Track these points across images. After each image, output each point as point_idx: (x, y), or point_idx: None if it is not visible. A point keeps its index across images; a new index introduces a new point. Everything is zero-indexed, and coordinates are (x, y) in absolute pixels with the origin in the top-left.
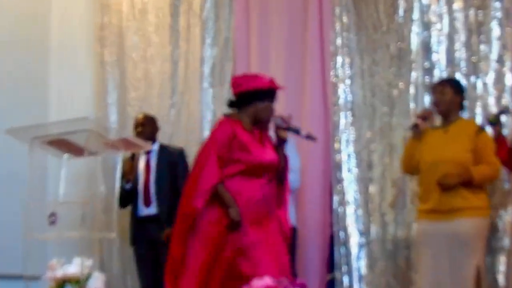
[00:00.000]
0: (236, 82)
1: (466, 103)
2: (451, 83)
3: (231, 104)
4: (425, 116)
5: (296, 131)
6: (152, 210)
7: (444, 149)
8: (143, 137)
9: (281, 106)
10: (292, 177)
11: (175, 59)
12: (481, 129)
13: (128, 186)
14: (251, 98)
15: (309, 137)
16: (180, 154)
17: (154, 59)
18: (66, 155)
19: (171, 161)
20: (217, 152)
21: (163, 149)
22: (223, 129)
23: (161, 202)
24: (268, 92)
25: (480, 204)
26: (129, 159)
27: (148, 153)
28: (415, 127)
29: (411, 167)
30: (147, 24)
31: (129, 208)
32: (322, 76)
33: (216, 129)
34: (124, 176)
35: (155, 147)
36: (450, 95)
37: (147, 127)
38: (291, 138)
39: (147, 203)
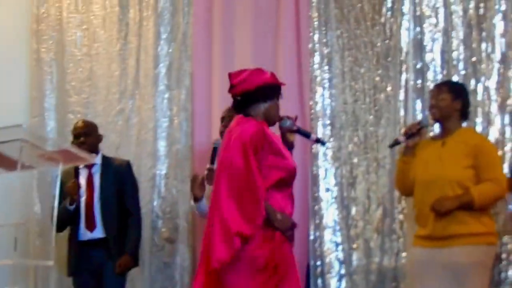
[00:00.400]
0: (239, 78)
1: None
2: (450, 86)
3: (238, 105)
4: (409, 133)
5: (306, 135)
6: (97, 234)
7: (441, 166)
8: (86, 149)
9: None
10: None
11: (124, 58)
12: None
13: (72, 207)
14: (261, 96)
15: (319, 141)
16: (126, 168)
17: (100, 58)
18: None
19: (118, 176)
20: (254, 157)
21: (107, 162)
22: (255, 128)
23: (108, 224)
24: (277, 88)
25: (482, 229)
26: (72, 175)
27: (89, 167)
28: (395, 143)
29: (406, 188)
30: (92, 16)
31: (66, 231)
32: (299, 79)
33: (245, 130)
34: (68, 195)
35: (98, 159)
36: (448, 101)
37: (89, 137)
38: None
39: (91, 226)
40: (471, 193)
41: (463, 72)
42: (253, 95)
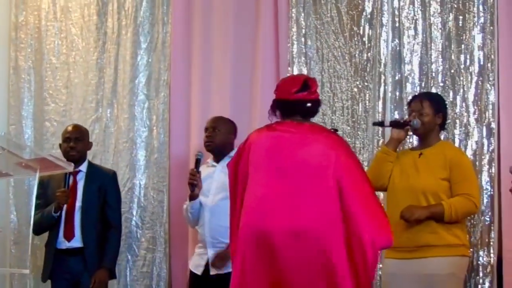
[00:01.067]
0: (311, 85)
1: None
2: (431, 100)
3: (312, 110)
4: (395, 120)
5: None
6: (75, 243)
7: (416, 176)
8: (74, 154)
9: None
10: None
11: (102, 66)
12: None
13: (57, 214)
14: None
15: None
16: (112, 178)
17: (77, 66)
18: None
19: (102, 186)
20: None
21: (93, 170)
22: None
23: (87, 234)
24: None
25: (454, 241)
26: (61, 180)
27: (75, 173)
28: (379, 123)
29: (377, 180)
30: (71, 24)
31: (42, 238)
32: None
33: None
34: (57, 201)
35: (84, 167)
36: (431, 116)
37: (80, 143)
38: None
39: (69, 236)
40: (442, 205)
41: (441, 84)
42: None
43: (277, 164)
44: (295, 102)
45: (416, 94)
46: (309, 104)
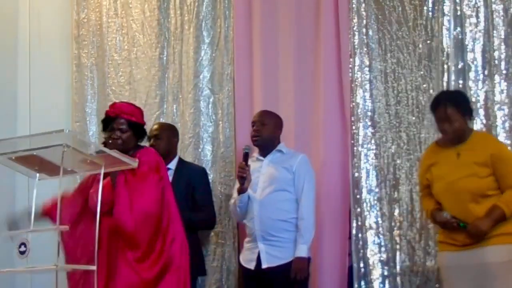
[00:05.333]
0: None
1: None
2: (455, 104)
3: None
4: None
5: None
6: None
7: (459, 178)
8: (158, 151)
9: (291, 116)
10: None
11: (165, 62)
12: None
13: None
14: None
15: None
16: (201, 175)
17: (139, 62)
18: (37, 174)
19: (189, 183)
20: None
21: (182, 166)
22: None
23: None
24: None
25: (511, 229)
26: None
27: None
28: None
29: None
30: (131, 20)
31: None
32: (339, 81)
33: None
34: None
35: (173, 164)
36: (459, 121)
37: (161, 141)
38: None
39: None
40: (500, 208)
41: (504, 72)
42: None
43: None
44: None
45: (436, 96)
46: None
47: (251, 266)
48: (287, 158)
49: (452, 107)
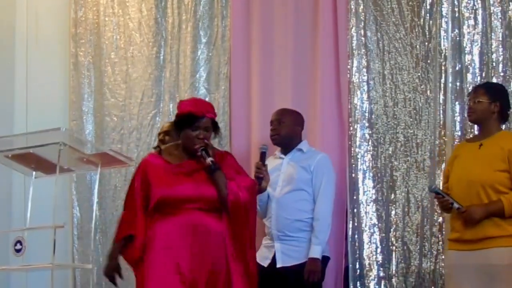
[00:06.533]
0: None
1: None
2: (487, 88)
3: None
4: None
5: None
6: None
7: (475, 168)
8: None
9: None
10: None
11: (161, 61)
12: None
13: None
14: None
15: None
16: None
17: (135, 60)
18: (34, 172)
19: None
20: None
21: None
22: None
23: None
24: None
25: None
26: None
27: None
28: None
29: None
30: (128, 19)
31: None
32: (337, 82)
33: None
34: None
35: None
36: (485, 104)
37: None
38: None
39: None
40: (502, 201)
41: (502, 74)
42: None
43: None
44: None
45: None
46: None
47: (265, 263)
48: (307, 157)
49: (482, 90)
